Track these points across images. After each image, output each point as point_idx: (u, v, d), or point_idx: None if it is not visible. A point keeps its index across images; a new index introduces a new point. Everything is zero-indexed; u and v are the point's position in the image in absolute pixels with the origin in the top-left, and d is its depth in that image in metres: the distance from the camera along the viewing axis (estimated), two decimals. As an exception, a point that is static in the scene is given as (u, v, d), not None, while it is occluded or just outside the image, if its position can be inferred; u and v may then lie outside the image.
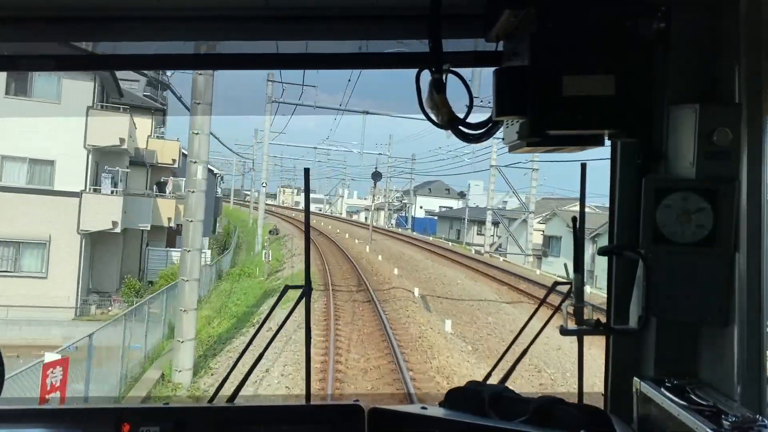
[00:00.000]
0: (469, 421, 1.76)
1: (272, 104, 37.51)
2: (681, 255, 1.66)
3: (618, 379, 1.88)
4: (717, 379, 1.66)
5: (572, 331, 1.75)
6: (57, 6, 1.90)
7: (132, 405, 1.94)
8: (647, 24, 1.64)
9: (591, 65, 1.62)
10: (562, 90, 1.61)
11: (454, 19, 1.85)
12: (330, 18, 1.98)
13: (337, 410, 1.89)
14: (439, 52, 1.76)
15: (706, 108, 1.62)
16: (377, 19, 1.98)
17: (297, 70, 34.28)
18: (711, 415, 1.49)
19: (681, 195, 1.66)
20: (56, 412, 1.85)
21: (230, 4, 1.96)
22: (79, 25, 1.97)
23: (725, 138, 1.60)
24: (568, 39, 1.62)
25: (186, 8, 1.94)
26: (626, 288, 1.79)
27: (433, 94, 1.79)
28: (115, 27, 1.99)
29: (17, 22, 1.96)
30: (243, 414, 1.87)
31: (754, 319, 1.60)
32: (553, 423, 1.70)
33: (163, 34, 2.05)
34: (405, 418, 1.82)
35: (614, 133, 1.71)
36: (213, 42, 2.16)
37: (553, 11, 1.62)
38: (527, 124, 1.66)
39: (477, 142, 1.91)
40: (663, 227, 1.67)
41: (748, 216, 1.62)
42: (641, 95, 1.63)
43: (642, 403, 1.73)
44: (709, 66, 1.72)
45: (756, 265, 1.61)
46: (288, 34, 2.02)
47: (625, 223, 1.82)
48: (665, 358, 1.76)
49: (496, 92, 1.73)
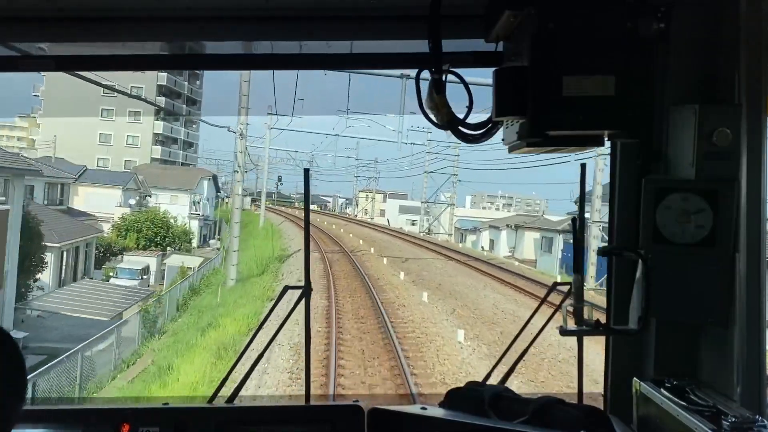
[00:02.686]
0: (469, 421, 1.76)
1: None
2: (681, 255, 1.66)
3: (618, 380, 1.88)
4: (717, 380, 1.66)
5: (572, 332, 1.75)
6: (57, 6, 1.90)
7: (132, 405, 1.94)
8: (647, 24, 1.64)
9: (591, 66, 1.62)
10: (562, 90, 1.61)
11: (454, 20, 1.85)
12: (330, 18, 1.98)
13: (337, 410, 1.89)
14: (439, 52, 1.76)
15: (706, 108, 1.62)
16: (377, 19, 1.98)
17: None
18: (711, 415, 1.49)
19: (681, 195, 1.65)
20: (56, 412, 1.85)
21: (230, 5, 1.96)
22: (79, 25, 1.97)
23: (725, 138, 1.60)
24: (568, 39, 1.62)
25: (186, 8, 1.94)
26: (626, 288, 1.78)
27: (433, 95, 1.79)
28: (115, 27, 1.99)
29: (17, 22, 1.96)
30: (243, 414, 1.87)
31: (753, 320, 1.60)
32: (552, 423, 1.69)
33: (162, 34, 2.05)
34: (405, 419, 1.82)
35: (614, 133, 1.71)
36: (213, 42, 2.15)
37: (553, 12, 1.62)
38: (527, 125, 1.66)
39: (477, 142, 1.90)
40: (663, 228, 1.67)
41: (747, 216, 1.62)
42: (641, 96, 1.63)
43: (642, 403, 1.73)
44: (709, 66, 1.72)
45: (756, 266, 1.61)
46: (288, 34, 2.02)
47: (625, 224, 1.82)
48: (665, 358, 1.76)
49: (496, 92, 1.73)
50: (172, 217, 47.35)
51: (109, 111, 66.92)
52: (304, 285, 1.89)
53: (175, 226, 47.08)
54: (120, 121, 69.64)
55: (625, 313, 1.80)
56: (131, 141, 72.39)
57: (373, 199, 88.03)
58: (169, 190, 55.85)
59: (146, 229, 43.44)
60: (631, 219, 1.78)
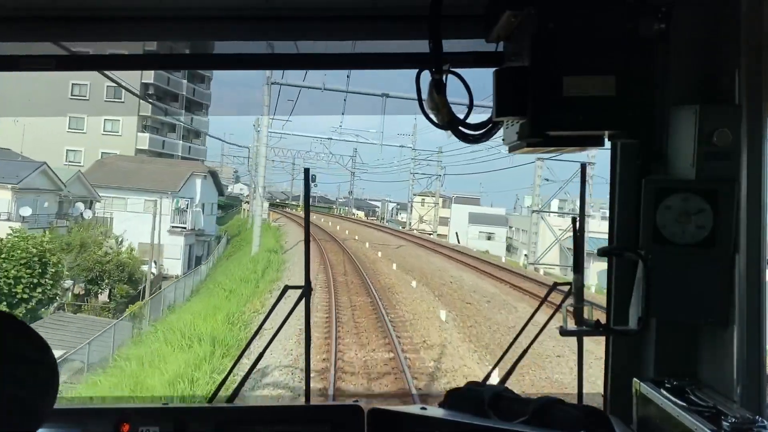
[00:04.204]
0: (469, 421, 1.76)
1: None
2: (681, 256, 1.66)
3: (618, 380, 1.88)
4: (717, 380, 1.66)
5: (572, 332, 1.75)
6: (57, 6, 1.90)
7: (132, 405, 1.94)
8: (647, 24, 1.64)
9: (591, 66, 1.62)
10: (562, 90, 1.61)
11: (454, 20, 1.85)
12: (330, 18, 1.98)
13: (337, 410, 1.89)
14: (440, 52, 1.76)
15: (706, 109, 1.62)
16: (377, 19, 1.98)
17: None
18: (711, 416, 1.49)
19: (681, 196, 1.66)
20: (56, 412, 1.85)
21: (230, 5, 1.96)
22: (79, 25, 1.97)
23: (725, 139, 1.60)
24: (569, 40, 1.62)
25: (186, 8, 1.94)
26: (626, 289, 1.79)
27: (434, 95, 1.79)
28: (115, 27, 1.99)
29: (17, 22, 1.96)
30: (243, 414, 1.87)
31: (753, 321, 1.60)
32: (552, 423, 1.69)
33: (162, 34, 2.05)
34: (404, 419, 1.82)
35: (614, 133, 1.71)
36: (212, 42, 2.16)
37: (553, 12, 1.62)
38: (527, 125, 1.66)
39: (477, 142, 1.91)
40: (663, 228, 1.67)
41: (748, 217, 1.62)
42: (641, 96, 1.63)
43: (642, 403, 1.73)
44: (709, 66, 1.72)
45: (756, 266, 1.61)
46: (287, 34, 2.02)
47: (625, 224, 1.82)
48: (665, 359, 1.76)
49: (496, 92, 1.73)
50: (112, 238, 32.07)
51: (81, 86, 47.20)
52: (305, 285, 1.89)
53: (112, 254, 30.41)
54: (96, 100, 48.11)
55: (625, 314, 1.80)
56: (110, 127, 51.54)
57: (437, 205, 61.48)
58: (143, 192, 38.78)
59: (11, 268, 23.53)
60: (631, 219, 1.78)
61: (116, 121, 51.55)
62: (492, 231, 55.12)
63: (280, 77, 28.47)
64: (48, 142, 43.43)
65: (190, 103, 58.95)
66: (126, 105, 50.53)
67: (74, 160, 47.46)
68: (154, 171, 42.11)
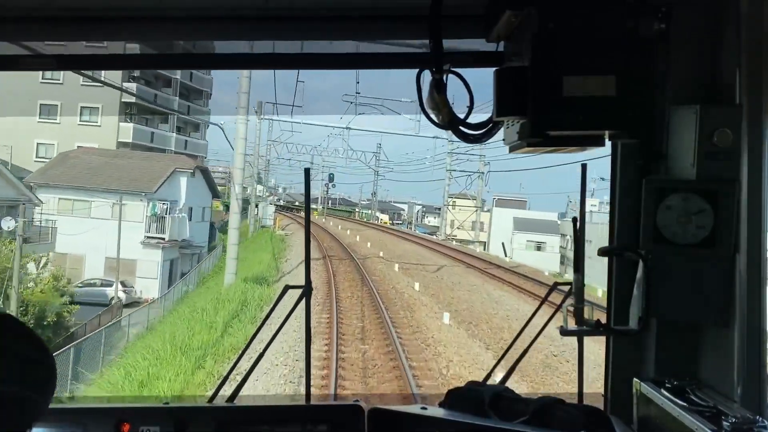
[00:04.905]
0: (469, 421, 1.76)
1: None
2: (681, 256, 1.66)
3: (618, 380, 1.88)
4: (717, 380, 1.66)
5: (572, 332, 1.75)
6: (57, 6, 1.90)
7: (132, 405, 1.94)
8: (647, 24, 1.64)
9: (592, 66, 1.62)
10: (562, 90, 1.61)
11: (454, 20, 1.85)
12: (330, 18, 1.98)
13: (337, 410, 1.89)
14: (440, 52, 1.76)
15: (707, 109, 1.62)
16: (377, 19, 1.98)
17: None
18: (711, 416, 1.49)
19: (681, 196, 1.66)
20: (56, 412, 1.85)
21: (230, 5, 1.96)
22: (79, 25, 1.97)
23: (726, 139, 1.60)
24: (569, 39, 1.62)
25: (186, 8, 1.94)
26: (626, 289, 1.79)
27: (434, 95, 1.79)
28: (115, 27, 1.99)
29: (17, 22, 1.96)
30: (243, 414, 1.87)
31: (754, 321, 1.60)
32: (552, 423, 1.69)
33: (162, 34, 2.05)
34: (405, 419, 1.82)
35: (615, 133, 1.71)
36: (212, 42, 2.16)
37: (553, 12, 1.62)
38: (528, 125, 1.66)
39: (477, 142, 1.91)
40: (663, 228, 1.67)
41: (748, 217, 1.62)
42: (642, 96, 1.63)
43: (642, 403, 1.73)
44: (709, 66, 1.72)
45: (756, 266, 1.61)
46: (287, 34, 2.02)
47: (626, 224, 1.82)
48: (665, 359, 1.76)
49: (496, 92, 1.73)
50: (33, 260, 23.14)
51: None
52: (305, 285, 1.89)
53: (31, 286, 21.22)
54: (71, 84, 38.69)
55: (625, 314, 1.80)
56: (88, 117, 42.51)
57: (479, 209, 49.76)
58: (110, 193, 30.90)
59: None
60: (631, 219, 1.78)
61: (95, 107, 42.51)
62: (542, 240, 44.90)
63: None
64: (15, 134, 35.75)
65: (188, 90, 50.84)
66: (106, 89, 36.56)
67: (47, 155, 39.77)
68: (124, 167, 34.08)
